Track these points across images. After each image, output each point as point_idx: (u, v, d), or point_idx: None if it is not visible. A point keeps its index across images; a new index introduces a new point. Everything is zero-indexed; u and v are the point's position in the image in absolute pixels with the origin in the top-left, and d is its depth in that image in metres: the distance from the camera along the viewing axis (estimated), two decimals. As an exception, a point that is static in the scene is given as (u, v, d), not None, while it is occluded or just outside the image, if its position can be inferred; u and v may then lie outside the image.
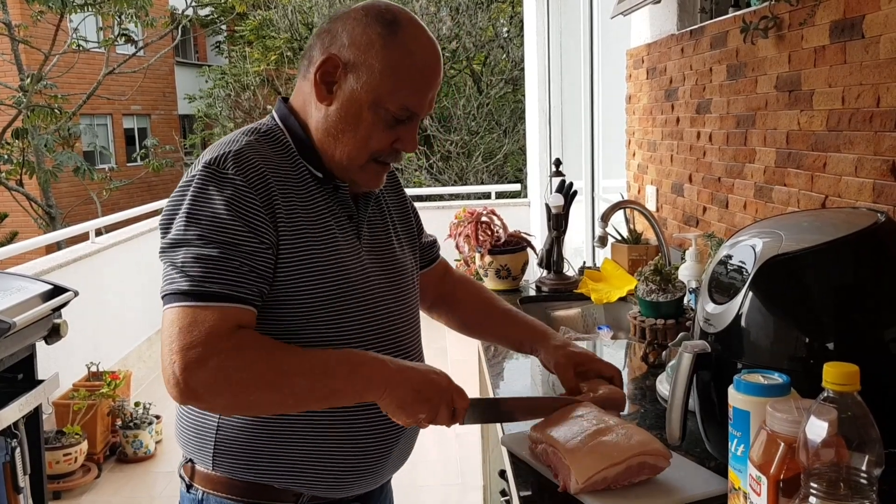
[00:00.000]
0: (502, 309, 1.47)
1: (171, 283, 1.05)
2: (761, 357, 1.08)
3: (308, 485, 1.18)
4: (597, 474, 1.09)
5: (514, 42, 10.67)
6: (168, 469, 3.74)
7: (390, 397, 1.07)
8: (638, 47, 3.13)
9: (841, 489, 0.75)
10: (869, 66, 1.54)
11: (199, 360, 1.00)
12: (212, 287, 1.03)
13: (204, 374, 1.00)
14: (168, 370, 1.01)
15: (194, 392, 1.01)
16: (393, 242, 1.30)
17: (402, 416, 1.08)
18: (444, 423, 1.11)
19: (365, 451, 1.19)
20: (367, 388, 1.07)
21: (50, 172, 9.91)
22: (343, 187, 1.20)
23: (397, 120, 1.16)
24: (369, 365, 1.08)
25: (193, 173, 1.11)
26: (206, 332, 1.01)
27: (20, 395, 2.50)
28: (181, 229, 1.06)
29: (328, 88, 1.15)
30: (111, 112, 16.08)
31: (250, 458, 1.16)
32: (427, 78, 1.16)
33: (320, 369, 1.06)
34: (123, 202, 11.93)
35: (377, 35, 1.13)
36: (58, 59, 9.89)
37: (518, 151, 10.59)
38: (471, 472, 3.47)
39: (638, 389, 1.65)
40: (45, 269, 4.08)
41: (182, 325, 1.02)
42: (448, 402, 1.10)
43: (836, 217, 1.25)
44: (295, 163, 1.17)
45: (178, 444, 1.25)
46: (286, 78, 12.21)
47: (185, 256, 1.05)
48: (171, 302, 1.04)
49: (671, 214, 2.79)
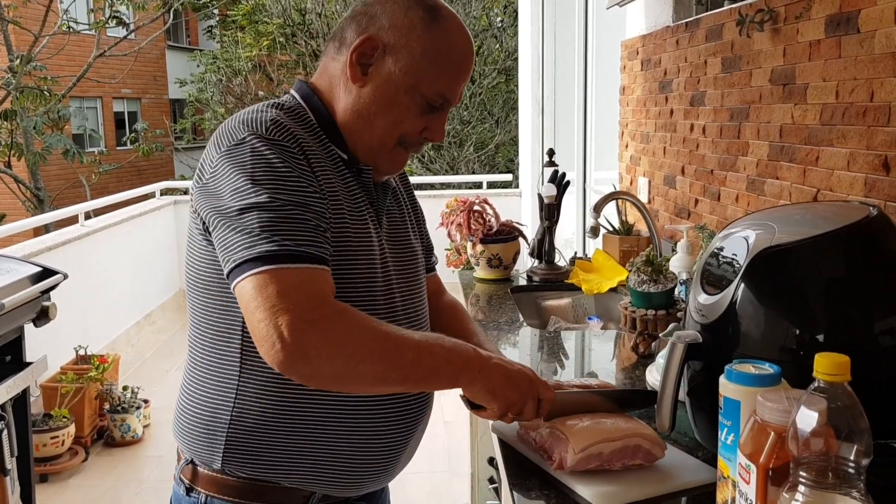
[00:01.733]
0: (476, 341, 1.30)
1: (250, 247, 0.98)
2: (752, 347, 1.08)
3: (321, 483, 1.15)
4: (593, 445, 1.10)
5: (507, 32, 10.64)
6: (156, 453, 3.74)
7: (484, 381, 1.07)
8: (633, 39, 3.13)
9: (829, 478, 0.76)
10: (863, 61, 1.54)
11: (310, 322, 0.96)
12: (299, 248, 0.99)
13: (314, 336, 0.96)
14: (272, 336, 0.95)
15: (304, 355, 0.96)
16: (410, 235, 1.29)
17: (493, 401, 1.08)
18: (530, 415, 1.11)
19: (379, 450, 1.17)
20: (465, 370, 1.06)
21: (39, 155, 9.83)
22: (366, 172, 1.18)
23: (431, 107, 1.15)
24: (465, 348, 1.08)
25: (237, 140, 1.05)
26: (310, 295, 0.98)
27: (8, 377, 2.49)
28: (248, 191, 1.01)
29: (363, 70, 1.13)
30: (101, 95, 15.95)
31: (264, 455, 1.12)
32: (463, 66, 1.16)
33: (425, 346, 1.05)
34: (113, 186, 11.84)
35: (419, 19, 1.12)
36: (48, 40, 9.80)
37: (510, 142, 10.59)
38: (458, 460, 3.48)
39: (628, 380, 1.65)
40: (33, 251, 4.05)
41: (280, 288, 0.96)
42: (534, 395, 1.10)
43: (828, 210, 1.26)
44: (322, 141, 1.14)
45: (179, 444, 1.20)
46: (278, 64, 12.13)
47: (262, 219, 0.99)
48: (256, 266, 0.98)
49: (663, 206, 2.80)
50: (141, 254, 5.67)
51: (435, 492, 3.31)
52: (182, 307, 6.30)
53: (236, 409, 1.11)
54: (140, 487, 3.41)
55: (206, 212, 1.06)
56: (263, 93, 12.07)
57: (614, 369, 1.80)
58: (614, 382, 1.63)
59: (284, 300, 0.96)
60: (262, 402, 1.11)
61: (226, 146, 1.06)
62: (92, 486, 3.43)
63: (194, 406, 1.16)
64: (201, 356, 1.16)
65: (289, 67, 12.31)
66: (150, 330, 5.66)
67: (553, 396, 1.13)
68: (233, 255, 1.00)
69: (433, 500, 3.26)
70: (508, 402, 1.09)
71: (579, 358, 1.94)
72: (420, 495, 3.21)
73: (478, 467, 2.51)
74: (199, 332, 1.16)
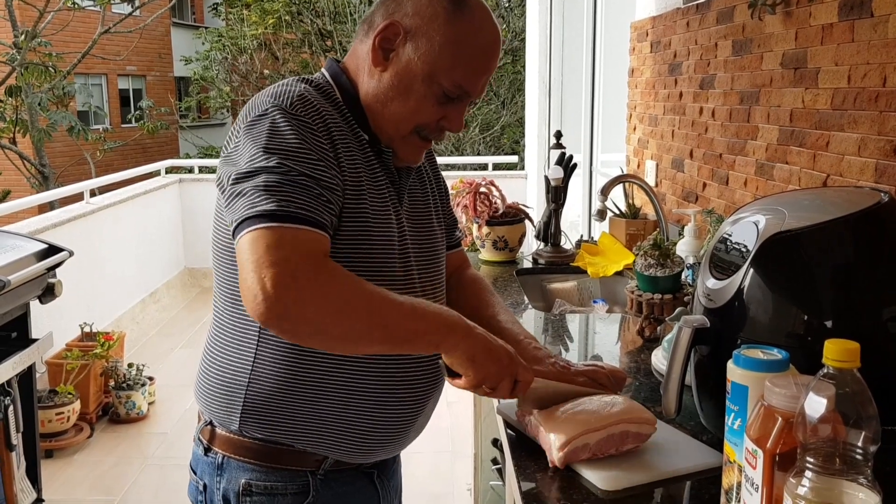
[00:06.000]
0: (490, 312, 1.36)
1: (252, 206, 1.00)
2: (761, 333, 1.08)
3: (334, 448, 1.18)
4: (574, 439, 1.09)
5: (514, 12, 10.56)
6: (160, 430, 3.76)
7: (465, 346, 1.06)
8: (642, 20, 3.10)
9: (837, 464, 0.76)
10: (877, 46, 1.52)
11: (294, 277, 0.96)
12: (299, 211, 1.00)
13: (297, 291, 0.96)
14: (255, 287, 0.96)
15: (285, 309, 0.96)
16: (431, 216, 1.30)
17: (471, 368, 1.07)
18: (505, 392, 1.10)
19: (393, 417, 1.19)
20: (448, 334, 1.06)
21: (44, 131, 9.81)
22: (387, 153, 1.19)
23: (448, 97, 1.14)
24: (450, 313, 1.08)
25: (260, 112, 1.08)
26: (300, 252, 0.98)
27: (14, 353, 2.50)
28: (259, 158, 1.03)
29: (385, 55, 1.14)
30: (106, 72, 15.89)
31: (280, 419, 1.15)
32: (485, 60, 1.15)
33: (409, 307, 1.04)
34: (117, 163, 11.85)
35: (443, 8, 1.12)
36: (52, 16, 9.75)
37: (515, 123, 10.54)
38: (461, 440, 3.50)
39: (633, 363, 1.65)
40: (39, 228, 4.06)
41: (271, 242, 0.97)
42: (513, 372, 1.09)
43: (839, 196, 1.25)
44: (347, 119, 1.16)
45: (199, 406, 1.23)
46: (284, 42, 12.07)
47: (269, 181, 1.01)
48: (254, 224, 0.99)
49: (670, 190, 2.79)
50: (146, 232, 5.68)
51: (437, 472, 3.33)
52: (187, 285, 6.32)
53: (254, 372, 1.14)
54: (144, 464, 3.43)
55: (223, 178, 1.09)
56: (269, 71, 12.02)
57: (619, 352, 1.80)
58: (618, 365, 1.63)
59: (272, 255, 0.97)
60: (279, 367, 1.13)
61: (250, 118, 1.09)
62: (97, 462, 3.46)
63: (215, 369, 1.19)
64: (223, 321, 1.19)
65: (294, 46, 12.25)
66: (155, 308, 5.68)
67: (530, 379, 1.12)
68: (235, 214, 1.02)
69: (436, 480, 3.28)
70: (486, 372, 1.08)
71: (584, 341, 1.94)
72: (422, 475, 3.23)
73: (481, 448, 2.52)
74: (221, 298, 1.19)
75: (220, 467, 1.20)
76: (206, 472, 1.22)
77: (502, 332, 1.29)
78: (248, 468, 1.18)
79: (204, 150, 13.93)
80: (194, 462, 1.26)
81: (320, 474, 1.19)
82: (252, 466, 1.18)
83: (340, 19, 11.32)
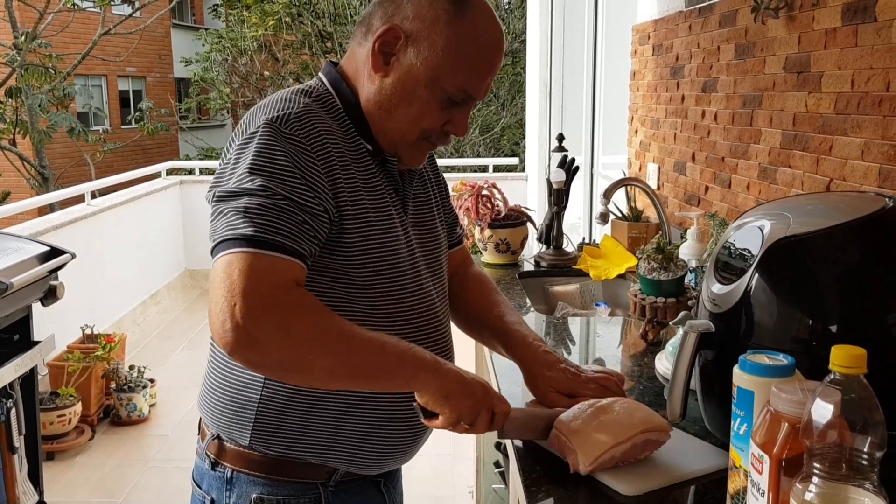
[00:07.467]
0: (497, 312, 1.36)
1: (231, 228, 0.99)
2: (766, 338, 1.08)
3: (345, 460, 1.17)
4: (603, 455, 1.09)
5: (514, 14, 10.56)
6: (161, 433, 3.76)
7: (438, 384, 1.04)
8: (644, 23, 3.11)
9: (843, 470, 0.76)
10: (880, 50, 1.53)
11: (264, 308, 0.95)
12: (276, 238, 0.99)
13: (266, 322, 0.95)
14: (224, 313, 0.94)
15: (254, 340, 0.94)
16: (435, 219, 1.29)
17: (446, 406, 1.05)
18: (483, 426, 1.08)
19: (401, 430, 1.18)
20: (419, 371, 1.04)
21: (44, 133, 9.82)
22: (391, 161, 1.17)
23: (452, 101, 1.12)
24: (421, 351, 1.06)
25: (253, 129, 1.06)
26: (272, 282, 0.96)
27: (16, 355, 2.50)
28: (244, 180, 1.01)
29: (385, 59, 1.11)
30: (106, 73, 15.89)
31: (292, 433, 1.13)
32: (488, 62, 1.13)
33: (378, 344, 1.03)
34: (117, 165, 11.86)
35: (444, 11, 1.09)
36: (52, 17, 9.77)
37: (516, 125, 10.54)
38: (463, 443, 3.50)
39: (636, 367, 1.66)
40: (40, 230, 4.06)
41: (244, 269, 0.96)
42: (489, 405, 1.08)
43: (843, 201, 1.25)
44: (349, 131, 1.13)
45: (205, 420, 1.21)
46: (284, 44, 12.07)
47: (250, 204, 0.99)
48: (231, 247, 0.98)
49: (672, 193, 2.79)
50: (147, 233, 5.68)
51: (439, 475, 3.33)
52: (187, 287, 6.32)
53: (266, 389, 1.13)
54: (146, 466, 3.43)
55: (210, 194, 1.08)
56: (269, 72, 12.02)
57: (621, 356, 1.80)
58: (620, 369, 1.63)
59: (245, 282, 0.95)
60: None
61: (244, 135, 1.07)
62: (98, 464, 3.46)
63: (223, 384, 1.17)
64: None
65: (294, 47, 12.25)
66: (156, 310, 5.68)
67: (508, 410, 1.10)
68: (214, 234, 1.01)
69: (437, 483, 3.28)
70: (461, 408, 1.06)
71: (586, 344, 1.94)
72: (424, 478, 3.23)
73: (483, 451, 2.52)
74: None
75: (229, 482, 1.18)
76: (214, 487, 1.20)
77: (510, 334, 1.29)
78: (259, 482, 1.16)
79: (204, 152, 13.93)
80: (199, 476, 1.23)
81: (331, 486, 1.18)
82: (263, 480, 1.16)
83: (340, 21, 11.32)
